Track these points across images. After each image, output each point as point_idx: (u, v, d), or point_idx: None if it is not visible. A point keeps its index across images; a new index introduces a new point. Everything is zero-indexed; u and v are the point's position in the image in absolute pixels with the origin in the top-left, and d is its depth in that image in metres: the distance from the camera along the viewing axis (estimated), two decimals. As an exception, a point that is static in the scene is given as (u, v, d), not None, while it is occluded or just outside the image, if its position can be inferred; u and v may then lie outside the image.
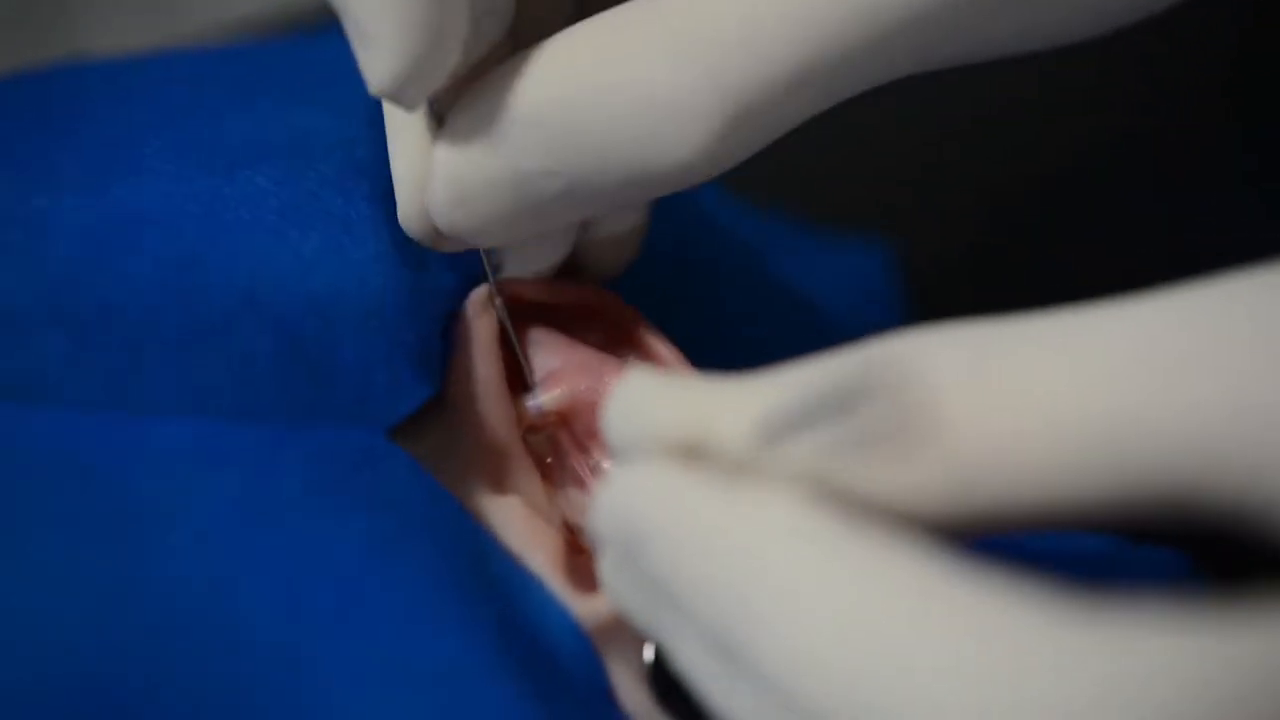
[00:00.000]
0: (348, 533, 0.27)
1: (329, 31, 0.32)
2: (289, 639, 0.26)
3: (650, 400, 0.24)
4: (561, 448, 0.32)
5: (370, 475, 0.28)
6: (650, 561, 0.23)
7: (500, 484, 0.31)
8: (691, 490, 0.23)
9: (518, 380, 0.32)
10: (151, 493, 0.27)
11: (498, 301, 0.31)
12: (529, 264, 0.32)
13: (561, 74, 0.27)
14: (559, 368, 0.31)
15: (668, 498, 0.23)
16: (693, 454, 0.24)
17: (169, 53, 0.38)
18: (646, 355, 0.32)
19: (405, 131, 0.30)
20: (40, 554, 0.26)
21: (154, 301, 0.28)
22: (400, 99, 0.27)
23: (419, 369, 0.30)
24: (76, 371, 0.28)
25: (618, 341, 0.33)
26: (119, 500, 0.26)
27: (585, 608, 0.29)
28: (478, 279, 0.32)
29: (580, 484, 0.31)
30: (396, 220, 0.30)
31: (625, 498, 0.24)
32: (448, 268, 0.31)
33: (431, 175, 0.28)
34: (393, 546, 0.28)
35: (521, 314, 0.32)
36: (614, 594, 0.24)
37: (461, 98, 0.28)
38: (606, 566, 0.24)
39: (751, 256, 0.37)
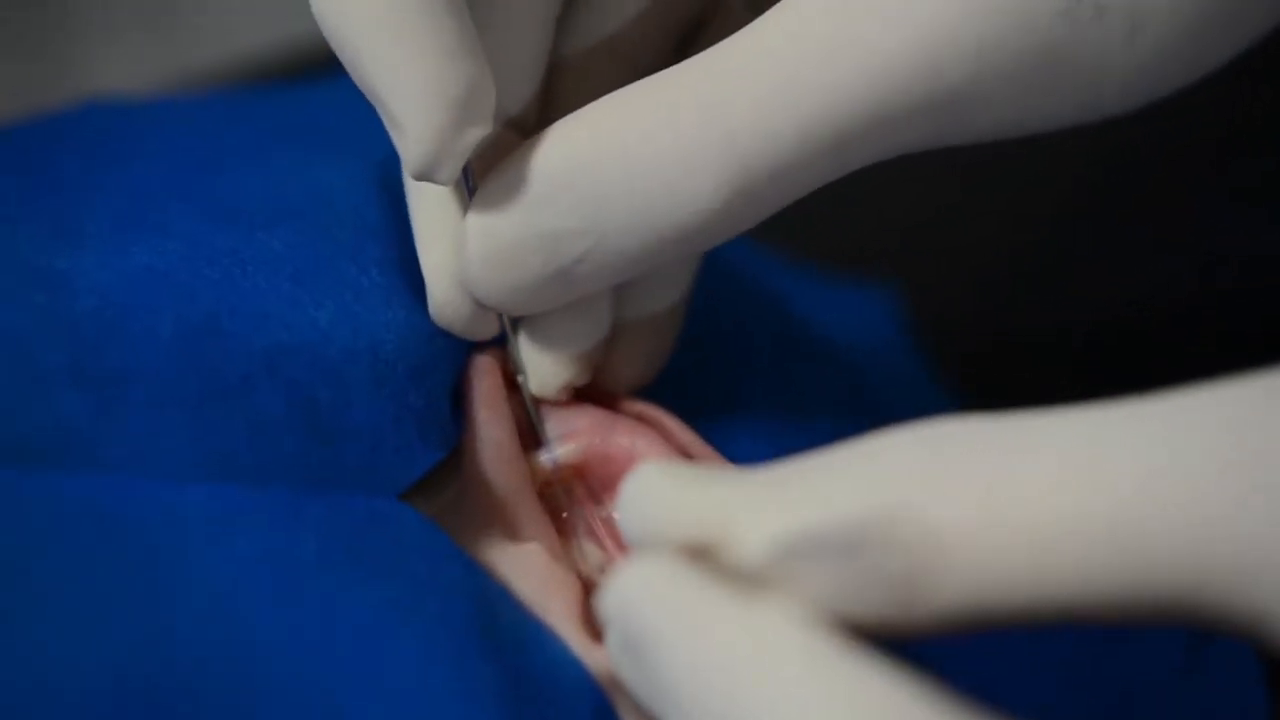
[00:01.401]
0: (361, 599, 0.28)
1: (339, 73, 0.32)
2: (307, 702, 0.26)
3: (665, 495, 0.24)
4: (575, 500, 0.32)
5: (381, 539, 0.29)
6: (651, 658, 0.23)
7: (516, 535, 0.31)
8: (699, 596, 0.23)
9: (529, 436, 0.32)
10: (171, 554, 0.27)
11: (516, 363, 0.32)
12: (568, 343, 0.32)
13: (588, 137, 0.28)
14: (572, 424, 0.32)
15: (674, 600, 0.23)
16: (704, 555, 0.24)
17: (185, 100, 0.39)
18: (668, 438, 0.32)
19: (438, 224, 0.31)
20: (64, 615, 0.26)
21: (173, 364, 0.29)
22: (434, 178, 0.28)
23: (429, 432, 0.31)
24: (98, 433, 0.28)
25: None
26: (141, 562, 0.27)
27: (599, 658, 0.30)
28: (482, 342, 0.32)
29: (593, 536, 0.32)
30: (406, 286, 0.31)
31: (633, 592, 0.24)
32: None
33: (464, 237, 0.29)
34: (405, 612, 0.28)
35: None
36: (617, 669, 0.25)
37: (494, 166, 0.29)
38: (612, 646, 0.25)
39: (773, 305, 0.38)
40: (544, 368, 0.32)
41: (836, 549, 0.23)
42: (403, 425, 0.30)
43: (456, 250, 0.30)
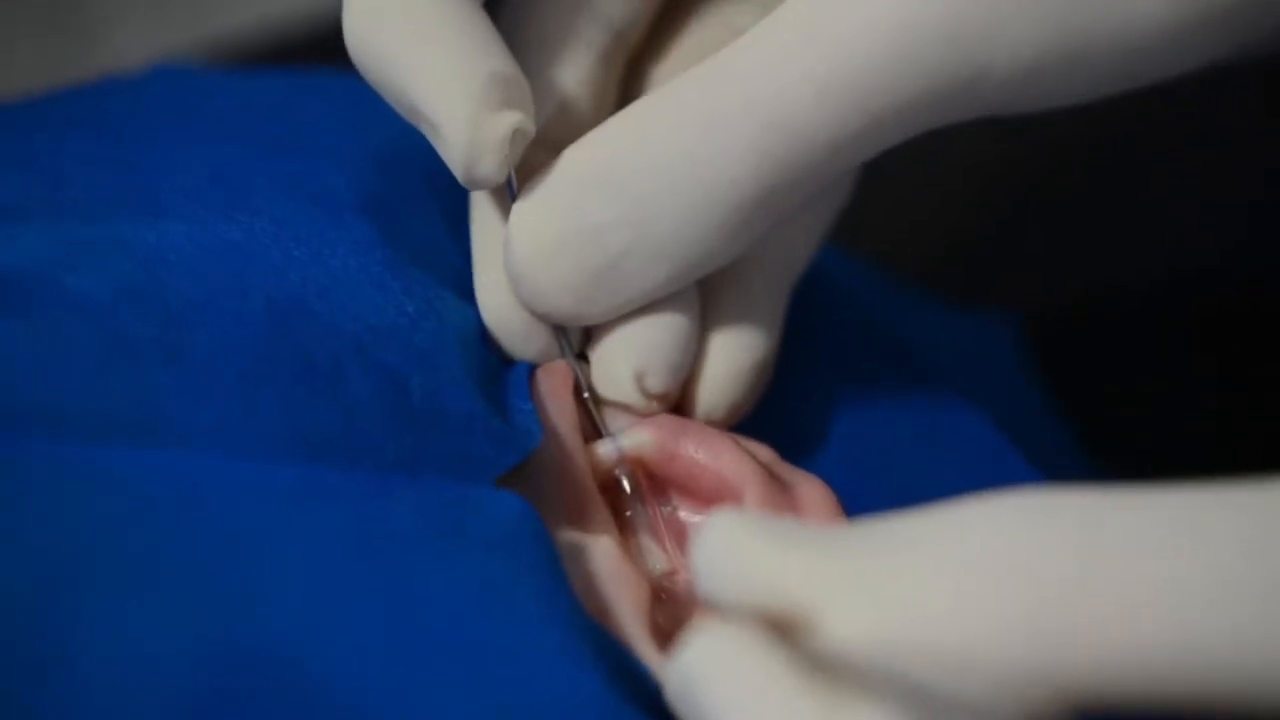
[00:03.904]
0: (459, 574, 0.27)
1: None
2: (400, 684, 0.26)
3: (745, 555, 0.23)
4: (638, 494, 0.32)
5: (475, 520, 0.28)
6: None
7: (586, 530, 0.30)
8: (778, 686, 0.22)
9: (595, 436, 0.32)
10: (260, 535, 0.26)
11: (579, 373, 0.32)
12: (645, 354, 0.31)
13: (622, 132, 0.29)
14: (640, 421, 0.32)
15: (751, 686, 0.22)
16: (783, 628, 0.23)
17: (251, 74, 0.39)
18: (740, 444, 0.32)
19: (490, 239, 0.31)
20: (151, 596, 0.26)
21: (264, 343, 0.29)
22: (478, 173, 0.29)
23: (518, 423, 0.31)
24: (187, 411, 0.28)
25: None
26: (229, 537, 0.26)
27: (660, 666, 0.28)
28: None
29: (654, 532, 0.32)
30: None
31: (709, 665, 0.22)
32: None
33: (509, 239, 0.30)
34: (506, 588, 0.27)
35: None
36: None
37: (535, 170, 0.30)
38: (676, 701, 0.23)
39: (844, 311, 0.37)
40: (612, 376, 0.31)
41: (935, 651, 0.22)
42: (493, 414, 0.30)
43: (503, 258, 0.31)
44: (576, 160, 0.30)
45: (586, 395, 0.32)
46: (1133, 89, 0.30)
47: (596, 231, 0.29)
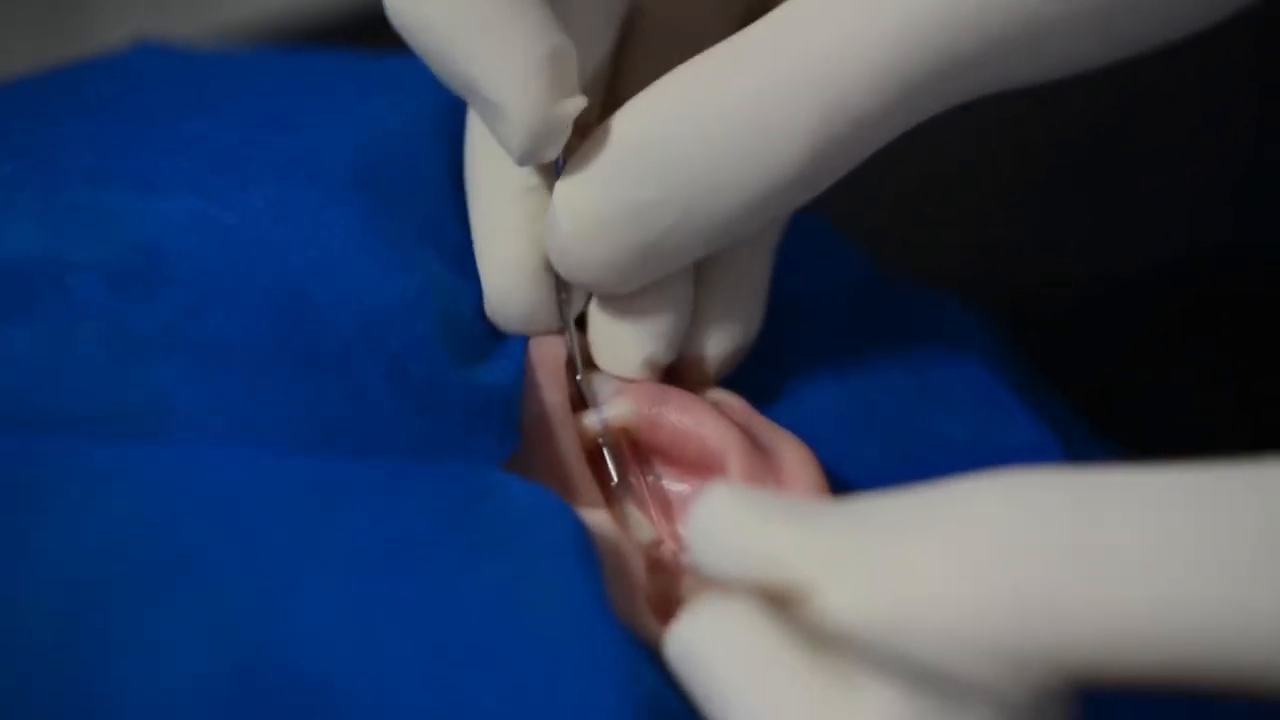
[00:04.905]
0: (482, 574, 0.27)
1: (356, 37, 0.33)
2: (428, 687, 0.25)
3: (741, 530, 0.24)
4: (623, 463, 0.32)
5: (488, 511, 0.28)
6: (719, 714, 0.22)
7: (576, 503, 0.30)
8: (777, 660, 0.22)
9: (581, 408, 0.32)
10: (282, 536, 0.26)
11: (573, 344, 0.32)
12: (650, 323, 0.31)
13: (670, 107, 0.29)
14: (622, 389, 0.32)
15: (751, 660, 0.22)
16: (785, 604, 0.23)
17: (233, 52, 0.38)
18: (723, 411, 0.32)
19: (500, 216, 0.31)
20: (185, 609, 0.25)
21: (269, 331, 0.28)
22: (541, 155, 0.29)
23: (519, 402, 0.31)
24: (196, 401, 0.27)
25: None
26: (251, 546, 0.26)
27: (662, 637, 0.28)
28: None
29: (640, 502, 0.32)
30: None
31: (708, 640, 0.23)
32: None
33: (554, 213, 0.29)
34: (529, 583, 0.27)
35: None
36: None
37: (581, 142, 0.30)
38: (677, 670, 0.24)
39: (830, 279, 0.37)
40: (621, 356, 0.32)
41: (935, 629, 0.22)
42: (495, 396, 0.30)
43: (544, 233, 0.30)
44: (623, 134, 0.29)
45: (579, 377, 0.32)
46: (1141, 51, 0.30)
47: (645, 209, 0.29)
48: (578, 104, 0.29)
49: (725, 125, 0.28)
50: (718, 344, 0.32)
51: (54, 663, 0.24)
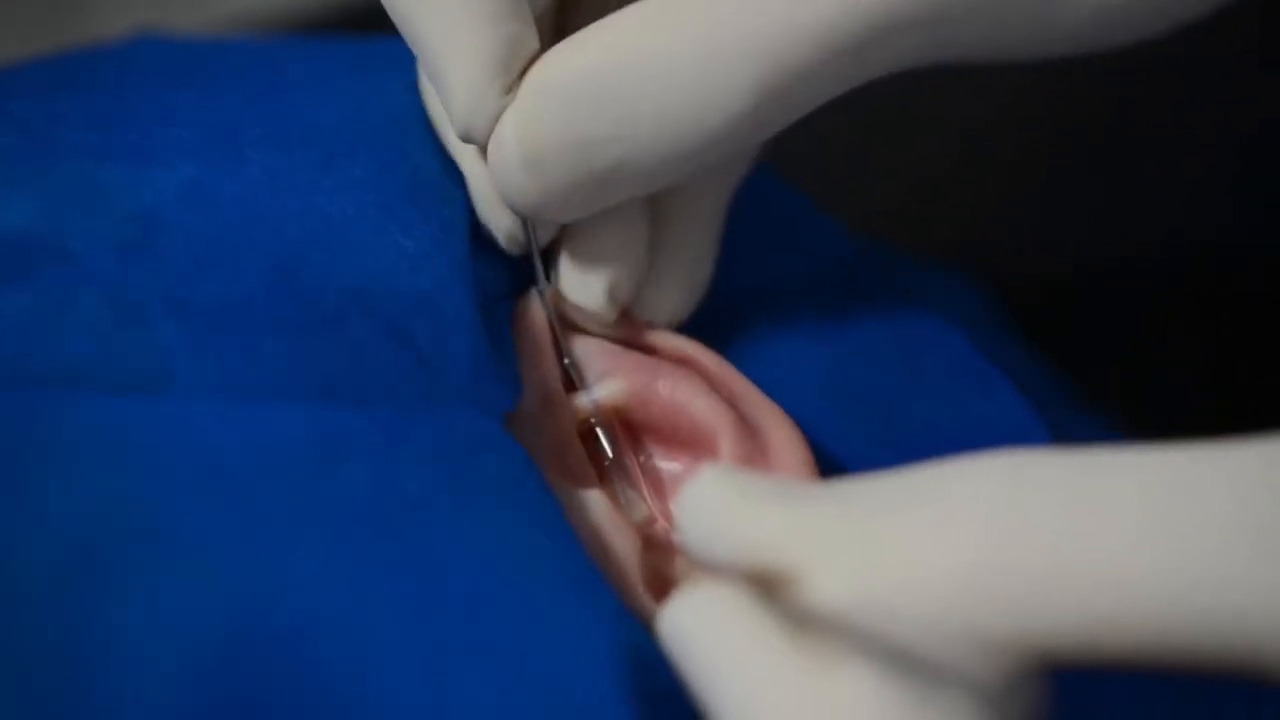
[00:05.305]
0: (475, 536, 0.27)
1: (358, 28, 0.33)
2: (417, 649, 0.25)
3: (730, 514, 0.24)
4: (614, 443, 0.32)
5: (487, 461, 0.28)
6: (708, 696, 0.23)
7: (572, 480, 0.31)
8: (765, 644, 0.22)
9: (569, 384, 0.32)
10: (278, 492, 0.26)
11: (546, 301, 0.32)
12: (608, 258, 0.32)
13: (618, 43, 0.29)
14: (611, 367, 0.32)
15: (738, 644, 0.22)
16: (769, 586, 0.23)
17: (235, 39, 0.39)
18: (710, 381, 0.32)
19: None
20: (182, 567, 0.25)
21: (267, 294, 0.29)
22: (476, 139, 0.29)
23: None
24: (198, 360, 0.28)
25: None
26: (247, 504, 0.26)
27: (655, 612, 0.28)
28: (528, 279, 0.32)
29: (632, 481, 0.32)
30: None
31: (697, 623, 0.23)
32: (506, 268, 0.32)
33: (495, 143, 0.29)
34: (517, 547, 0.27)
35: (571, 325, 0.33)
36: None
37: (529, 72, 0.30)
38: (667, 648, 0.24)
39: (811, 250, 0.38)
40: (586, 284, 0.32)
41: (917, 614, 0.22)
42: (503, 351, 0.30)
43: (489, 159, 0.30)
44: (568, 67, 0.29)
45: (567, 361, 0.32)
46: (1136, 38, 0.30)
47: (590, 144, 0.29)
48: (505, 102, 0.29)
49: (674, 60, 0.28)
50: (673, 281, 0.33)
51: (48, 615, 0.25)
